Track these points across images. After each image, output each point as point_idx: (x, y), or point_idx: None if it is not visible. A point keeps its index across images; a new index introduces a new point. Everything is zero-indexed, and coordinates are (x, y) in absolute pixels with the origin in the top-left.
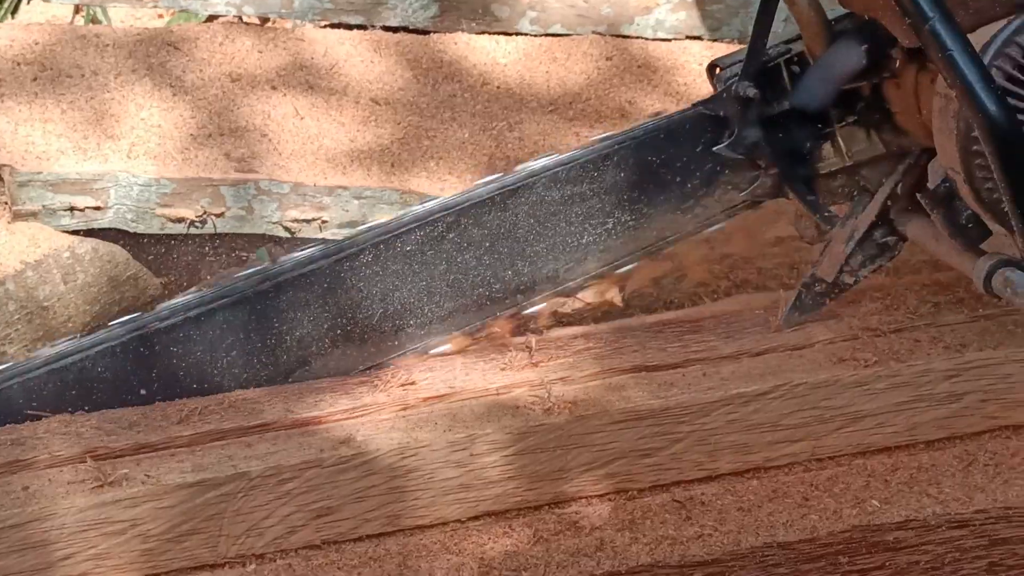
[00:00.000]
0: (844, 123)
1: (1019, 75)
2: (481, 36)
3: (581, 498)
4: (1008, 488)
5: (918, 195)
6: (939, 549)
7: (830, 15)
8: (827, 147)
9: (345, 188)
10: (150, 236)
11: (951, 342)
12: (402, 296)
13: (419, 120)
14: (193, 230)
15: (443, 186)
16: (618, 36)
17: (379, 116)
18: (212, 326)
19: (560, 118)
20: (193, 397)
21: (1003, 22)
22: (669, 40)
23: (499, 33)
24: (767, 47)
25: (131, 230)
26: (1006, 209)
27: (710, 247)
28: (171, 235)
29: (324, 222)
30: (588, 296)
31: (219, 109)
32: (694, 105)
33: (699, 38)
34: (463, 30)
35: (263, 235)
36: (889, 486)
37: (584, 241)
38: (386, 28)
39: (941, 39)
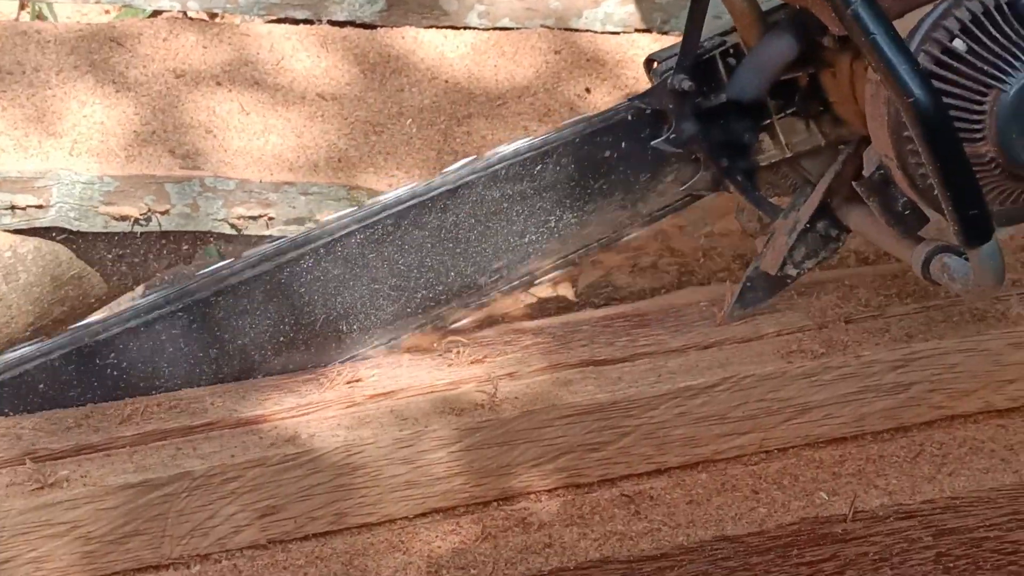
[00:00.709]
0: (782, 115)
1: (947, 59)
2: (429, 30)
3: (529, 494)
4: (955, 478)
5: (853, 184)
6: (887, 540)
7: (764, 7)
8: (766, 139)
9: (292, 184)
10: (94, 234)
11: (898, 333)
12: None
13: (366, 115)
14: (138, 228)
15: (391, 182)
16: (567, 30)
17: (326, 112)
18: None
19: (509, 112)
20: (135, 397)
21: (929, 7)
22: (618, 33)
23: (447, 27)
24: (702, 40)
25: (74, 228)
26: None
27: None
28: (115, 233)
29: (271, 219)
30: (540, 290)
31: (163, 106)
32: (630, 100)
33: (648, 31)
34: (411, 24)
35: (209, 232)
36: (838, 478)
37: (528, 240)
38: (333, 23)
39: (864, 23)
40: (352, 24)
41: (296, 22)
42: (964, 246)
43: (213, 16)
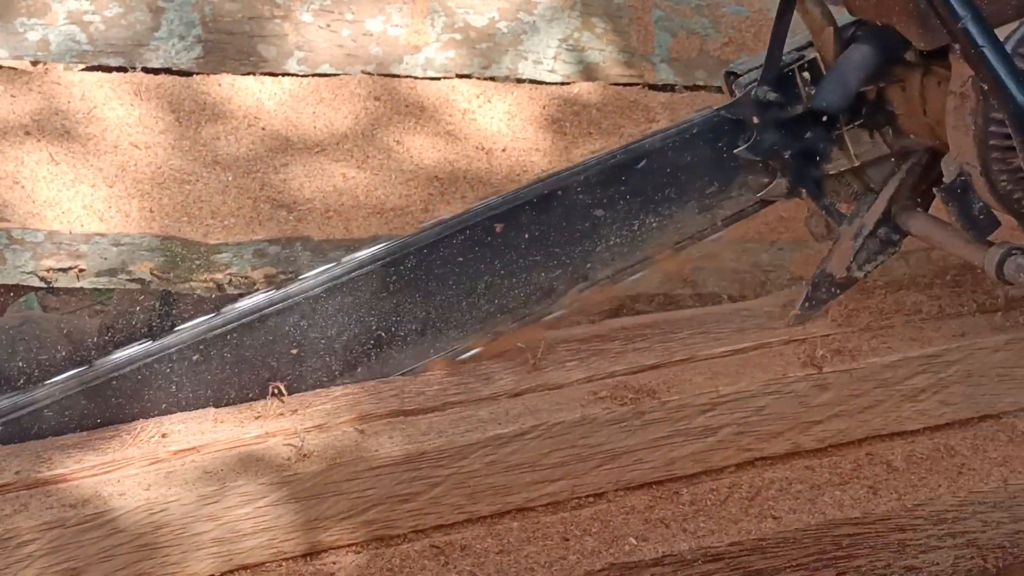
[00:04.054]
0: (851, 126)
1: None
2: (247, 77)
3: (339, 547)
4: (762, 520)
5: (935, 190)
6: None
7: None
8: (835, 149)
9: (103, 235)
10: None
11: (706, 377)
12: None
13: (181, 164)
14: None
15: (206, 231)
16: (387, 75)
17: (139, 161)
18: None
19: (327, 159)
20: None
21: (1016, 24)
22: (438, 79)
23: (266, 74)
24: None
25: None
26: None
27: None
28: None
29: (82, 270)
30: None
31: None
32: (715, 110)
33: (469, 76)
34: (228, 71)
35: (17, 285)
36: (647, 523)
37: None
38: (147, 70)
39: (972, 36)
40: (168, 71)
41: (109, 70)
42: None
43: (36, 64)
